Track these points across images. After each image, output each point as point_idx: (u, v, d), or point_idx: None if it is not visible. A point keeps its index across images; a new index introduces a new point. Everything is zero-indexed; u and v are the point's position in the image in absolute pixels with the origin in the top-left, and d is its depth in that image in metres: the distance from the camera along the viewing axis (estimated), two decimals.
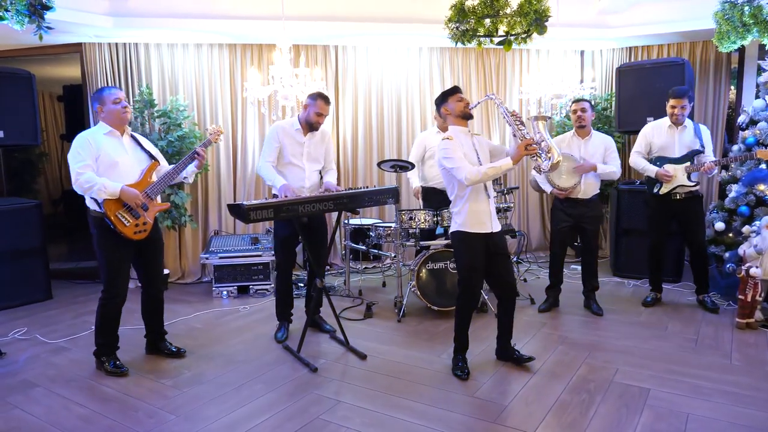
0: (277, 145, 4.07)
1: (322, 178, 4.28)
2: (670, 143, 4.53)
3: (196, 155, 3.67)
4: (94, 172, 3.38)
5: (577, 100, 4.61)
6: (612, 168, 4.50)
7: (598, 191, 4.59)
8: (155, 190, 3.59)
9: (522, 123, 3.41)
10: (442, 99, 3.50)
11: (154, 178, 3.64)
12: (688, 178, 4.42)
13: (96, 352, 3.66)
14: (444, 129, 5.05)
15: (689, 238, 4.64)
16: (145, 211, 3.53)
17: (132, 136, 3.67)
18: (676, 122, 4.48)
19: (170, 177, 3.65)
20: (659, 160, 4.55)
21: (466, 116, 3.47)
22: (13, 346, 4.09)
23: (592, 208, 4.56)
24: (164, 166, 3.77)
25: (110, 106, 3.50)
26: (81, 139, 3.44)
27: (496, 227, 3.48)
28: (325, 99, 4.06)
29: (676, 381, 3.34)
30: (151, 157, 3.69)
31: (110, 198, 3.39)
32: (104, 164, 3.44)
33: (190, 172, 3.77)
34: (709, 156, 4.46)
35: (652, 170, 4.53)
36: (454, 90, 3.48)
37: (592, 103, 4.69)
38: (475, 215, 3.40)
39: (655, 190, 4.57)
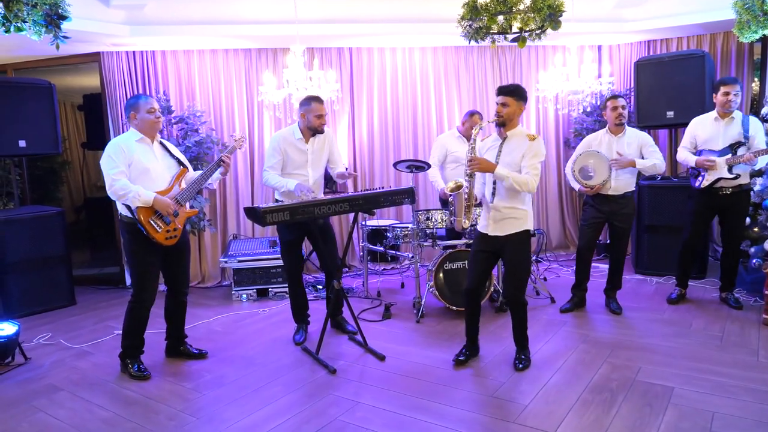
0: (280, 157, 4.08)
1: (328, 181, 4.22)
2: (715, 136, 4.32)
3: (222, 162, 3.71)
4: (127, 178, 3.44)
5: (614, 97, 4.38)
6: (653, 161, 4.26)
7: (633, 188, 4.41)
8: (185, 196, 3.64)
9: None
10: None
11: (183, 184, 3.70)
12: (729, 170, 4.22)
13: (121, 354, 3.71)
14: (468, 136, 5.00)
15: (728, 233, 4.48)
16: (176, 217, 3.58)
17: (161, 143, 3.72)
18: (728, 110, 4.24)
19: (198, 183, 3.71)
20: (702, 153, 4.37)
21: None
22: (37, 351, 4.16)
23: (625, 205, 4.38)
24: (192, 172, 3.83)
25: (144, 115, 3.56)
26: (114, 145, 3.49)
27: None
28: (318, 99, 4.06)
29: (700, 379, 3.27)
30: (180, 163, 3.74)
31: (143, 206, 3.44)
32: (136, 170, 3.50)
33: (215, 178, 3.81)
34: (760, 146, 4.16)
35: (692, 159, 4.37)
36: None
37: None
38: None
39: (697, 184, 4.38)
